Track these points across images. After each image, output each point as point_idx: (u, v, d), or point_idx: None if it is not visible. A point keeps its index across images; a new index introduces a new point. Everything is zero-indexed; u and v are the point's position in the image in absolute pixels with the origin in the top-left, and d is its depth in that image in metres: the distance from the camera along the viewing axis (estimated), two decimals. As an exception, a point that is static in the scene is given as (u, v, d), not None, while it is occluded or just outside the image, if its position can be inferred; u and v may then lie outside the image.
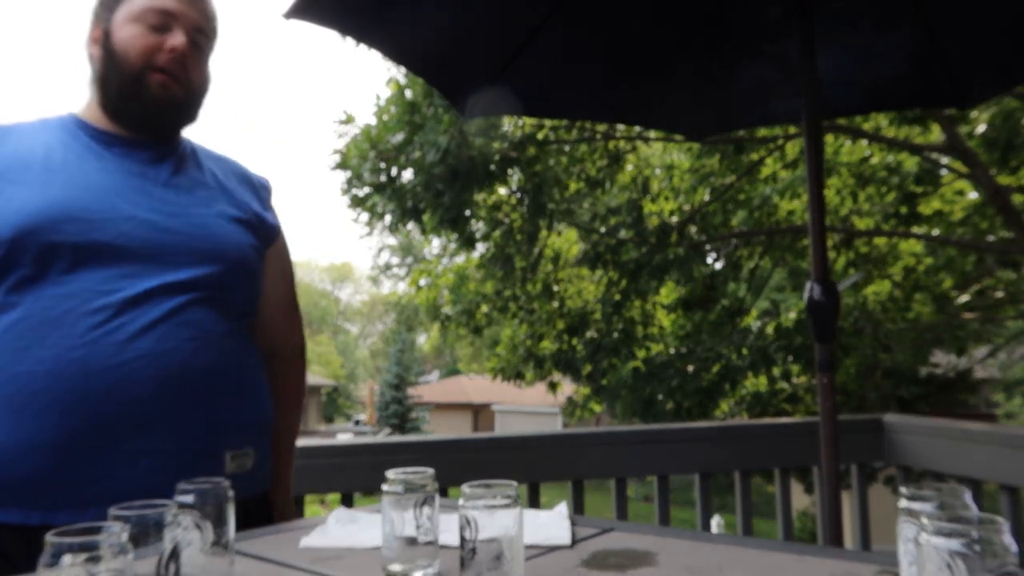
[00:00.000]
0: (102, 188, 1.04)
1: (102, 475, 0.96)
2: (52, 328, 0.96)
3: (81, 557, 0.55)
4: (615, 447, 1.91)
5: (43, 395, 0.95)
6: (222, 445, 1.06)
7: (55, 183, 1.02)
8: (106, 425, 0.96)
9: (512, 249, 6.48)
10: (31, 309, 0.97)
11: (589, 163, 6.46)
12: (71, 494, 0.95)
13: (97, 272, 0.99)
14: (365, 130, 5.93)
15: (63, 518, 0.92)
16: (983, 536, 0.52)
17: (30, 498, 0.94)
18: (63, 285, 0.98)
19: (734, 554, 0.85)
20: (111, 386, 0.96)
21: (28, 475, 0.94)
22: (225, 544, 0.75)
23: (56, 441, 0.95)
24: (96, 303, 0.98)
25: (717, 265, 7.33)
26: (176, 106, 1.11)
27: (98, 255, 1.00)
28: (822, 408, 1.59)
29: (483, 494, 0.70)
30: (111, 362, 0.96)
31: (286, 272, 1.29)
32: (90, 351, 0.96)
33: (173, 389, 1.00)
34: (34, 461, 0.94)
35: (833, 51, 1.76)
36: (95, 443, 0.96)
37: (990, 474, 1.79)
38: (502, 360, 7.49)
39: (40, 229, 0.98)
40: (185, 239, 1.07)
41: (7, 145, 1.05)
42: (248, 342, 1.16)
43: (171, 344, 1.00)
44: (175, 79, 1.09)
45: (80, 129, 1.10)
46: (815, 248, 1.63)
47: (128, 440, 0.97)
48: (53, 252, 0.98)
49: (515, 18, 1.68)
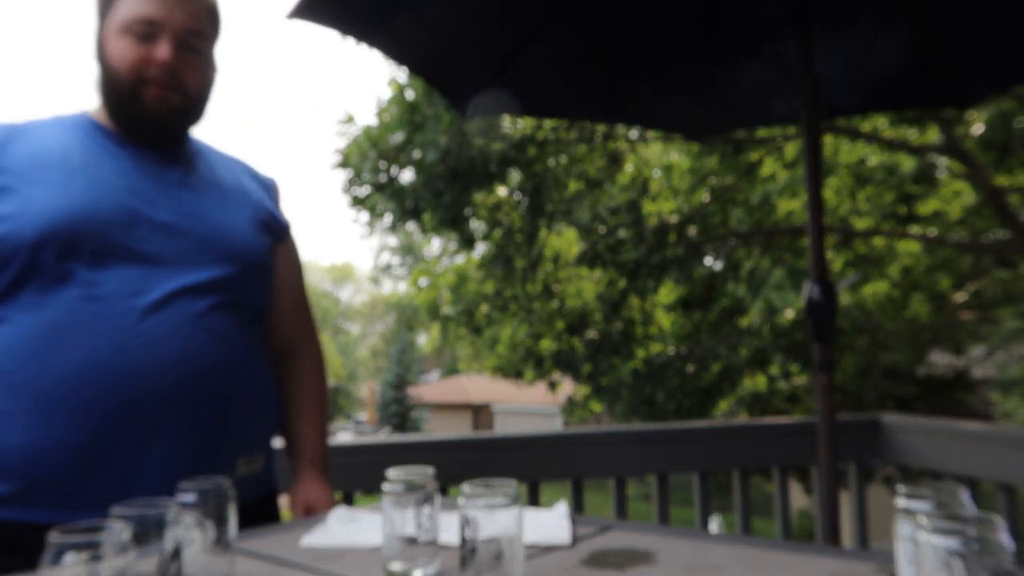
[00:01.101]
0: (120, 190, 1.04)
1: (128, 477, 0.97)
2: (80, 332, 0.97)
3: (84, 556, 0.56)
4: (614, 447, 1.92)
5: (72, 398, 0.95)
6: (238, 451, 1.07)
7: (75, 184, 1.02)
8: (133, 428, 0.97)
9: (512, 249, 6.49)
10: (57, 312, 0.98)
11: (588, 163, 6.46)
12: (97, 495, 0.95)
13: (120, 275, 1.00)
14: (366, 130, 5.94)
15: (88, 518, 0.92)
16: (980, 535, 0.52)
17: (57, 498, 0.95)
18: (88, 288, 0.98)
19: (733, 553, 0.85)
20: (138, 390, 0.97)
21: (56, 476, 0.95)
22: (226, 543, 0.75)
23: (84, 443, 0.95)
24: (121, 306, 0.99)
25: (716, 265, 7.33)
26: (175, 114, 1.10)
27: (120, 258, 1.01)
28: (821, 407, 1.59)
29: (483, 493, 0.70)
30: (138, 366, 0.97)
31: (296, 270, 1.29)
32: (117, 355, 0.97)
33: (197, 394, 1.01)
34: (62, 462, 0.95)
35: (832, 51, 1.77)
36: (122, 446, 0.97)
37: (987, 473, 1.80)
38: (502, 359, 7.50)
39: (64, 231, 0.98)
40: (202, 241, 1.07)
41: (23, 145, 1.04)
42: (262, 343, 1.17)
43: (194, 348, 1.01)
44: (169, 89, 1.08)
45: (95, 129, 1.10)
46: (814, 248, 1.64)
47: (153, 443, 0.98)
48: (76, 255, 0.99)
49: (515, 18, 1.69)
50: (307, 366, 1.26)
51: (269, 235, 1.19)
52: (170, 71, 1.07)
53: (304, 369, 1.26)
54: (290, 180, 71.73)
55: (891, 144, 6.13)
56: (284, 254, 1.25)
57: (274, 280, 1.21)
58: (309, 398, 1.25)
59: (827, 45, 1.72)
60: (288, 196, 1.22)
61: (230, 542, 0.76)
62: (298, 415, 1.24)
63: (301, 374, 1.25)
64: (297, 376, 1.24)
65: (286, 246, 1.26)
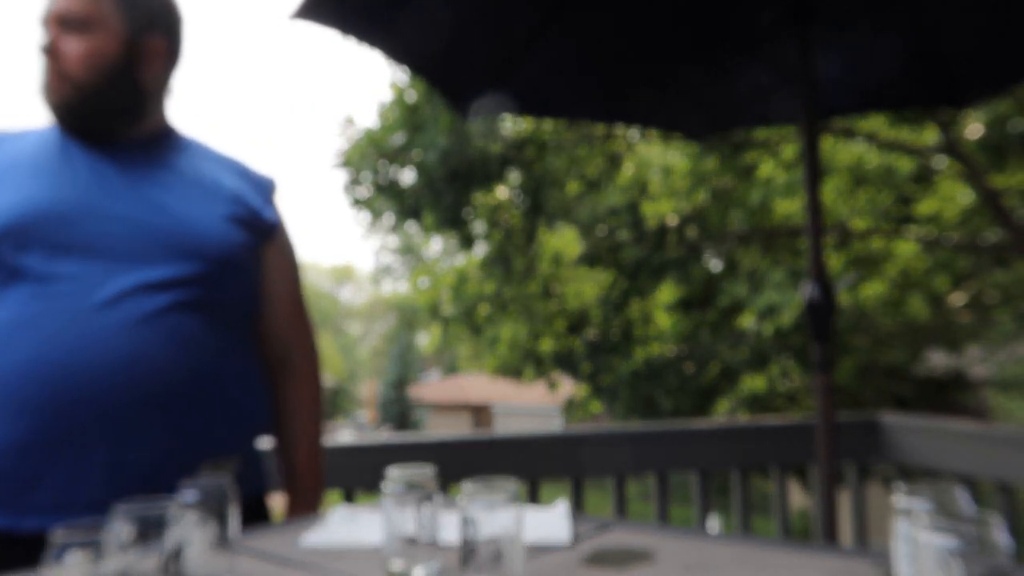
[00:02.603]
0: (84, 186, 1.02)
1: (74, 480, 0.93)
2: (26, 329, 0.94)
3: (85, 555, 0.56)
4: (614, 446, 1.92)
5: (14, 397, 0.92)
6: (199, 456, 1.00)
7: (38, 183, 1.01)
8: (78, 431, 0.93)
9: (512, 249, 6.49)
10: (7, 310, 0.95)
11: (588, 164, 6.47)
12: (42, 499, 0.93)
13: (74, 270, 0.97)
14: (367, 131, 5.95)
15: (29, 523, 0.91)
16: (978, 534, 0.53)
17: (0, 500, 0.93)
18: (40, 284, 0.96)
19: (733, 552, 0.85)
20: (84, 391, 0.93)
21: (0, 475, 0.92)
22: (227, 542, 0.75)
23: (26, 444, 0.92)
24: (73, 303, 0.95)
25: (716, 266, 7.34)
26: (74, 106, 1.05)
27: (75, 253, 0.98)
28: (819, 407, 1.60)
29: (483, 493, 0.70)
30: (88, 365, 0.93)
31: (289, 274, 1.23)
32: (66, 352, 0.93)
33: (147, 397, 0.96)
34: (2, 464, 0.93)
35: (830, 52, 1.77)
36: (66, 449, 0.93)
37: (985, 472, 1.80)
38: (502, 359, 7.50)
39: (16, 228, 0.97)
40: (166, 236, 1.03)
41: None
42: (237, 345, 1.11)
43: (147, 348, 0.97)
44: (54, 83, 1.05)
45: (65, 134, 1.09)
46: (812, 248, 1.64)
47: (100, 448, 0.94)
48: (28, 251, 0.96)
49: (515, 19, 1.69)
50: (295, 383, 1.22)
51: (248, 232, 1.12)
52: (49, 67, 1.04)
53: (289, 387, 1.21)
54: (290, 181, 71.72)
55: (889, 145, 6.13)
56: (274, 256, 1.19)
57: (262, 283, 1.17)
58: (299, 419, 1.21)
59: (826, 46, 1.72)
60: (289, 197, 1.21)
61: (231, 541, 0.76)
62: (287, 437, 1.21)
63: (286, 392, 1.20)
64: (287, 394, 1.20)
65: (276, 248, 1.20)
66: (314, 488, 1.23)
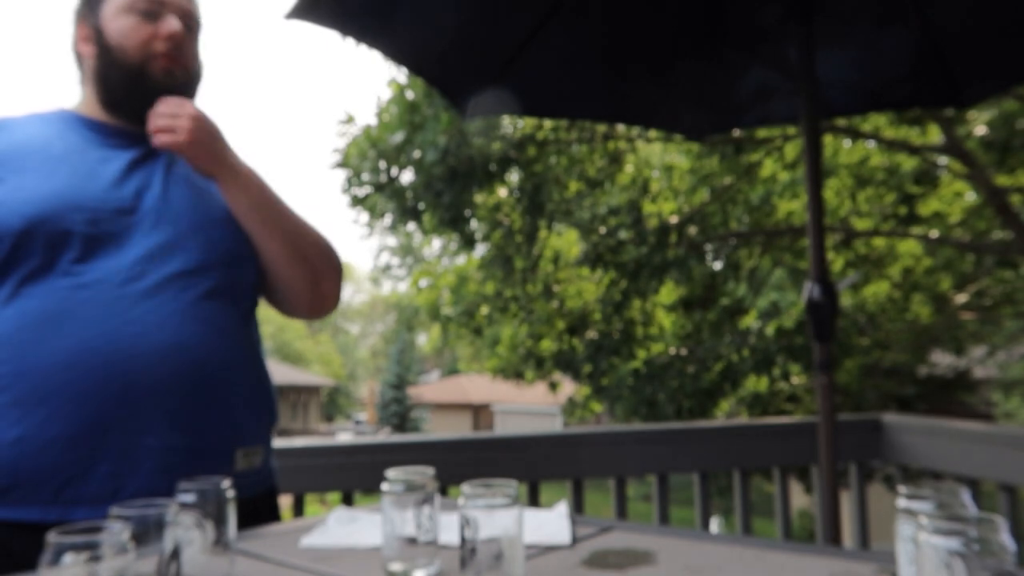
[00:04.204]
0: (106, 178, 1.03)
1: (121, 469, 0.94)
2: (68, 319, 0.95)
3: (83, 556, 0.56)
4: (615, 446, 1.92)
5: (62, 387, 0.93)
6: (235, 442, 1.05)
7: (59, 172, 1.01)
8: (127, 417, 0.95)
9: (512, 250, 6.48)
10: (45, 301, 0.96)
11: (588, 163, 6.46)
12: (90, 490, 0.93)
13: (109, 262, 0.98)
14: (366, 130, 5.94)
15: (80, 515, 0.90)
16: (981, 535, 0.52)
17: (48, 495, 0.93)
18: (76, 276, 0.97)
19: (734, 553, 0.85)
20: (131, 378, 0.95)
21: (46, 470, 0.93)
22: (226, 543, 0.75)
23: (76, 434, 0.93)
24: (112, 293, 0.96)
25: (717, 265, 7.33)
26: (179, 89, 1.10)
27: (108, 245, 0.99)
28: (821, 408, 1.59)
29: (483, 494, 0.70)
30: (131, 353, 0.95)
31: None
32: (109, 342, 0.94)
33: (190, 384, 0.98)
34: (52, 456, 0.93)
35: (832, 52, 1.77)
36: (115, 435, 0.94)
37: (988, 473, 1.80)
38: (502, 359, 7.50)
39: (51, 218, 0.97)
40: (192, 228, 1.05)
41: (3, 136, 1.04)
42: (256, 331, 1.15)
43: (186, 337, 0.99)
44: (175, 62, 1.09)
45: (77, 122, 1.09)
46: (814, 248, 1.64)
47: (149, 436, 0.96)
48: (64, 242, 0.97)
49: (515, 18, 1.69)
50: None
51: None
52: (177, 44, 1.08)
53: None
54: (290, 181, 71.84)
55: (892, 144, 6.13)
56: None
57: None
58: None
59: (827, 45, 1.72)
60: (288, 197, 1.21)
61: (229, 542, 0.76)
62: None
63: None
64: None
65: None
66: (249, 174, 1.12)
